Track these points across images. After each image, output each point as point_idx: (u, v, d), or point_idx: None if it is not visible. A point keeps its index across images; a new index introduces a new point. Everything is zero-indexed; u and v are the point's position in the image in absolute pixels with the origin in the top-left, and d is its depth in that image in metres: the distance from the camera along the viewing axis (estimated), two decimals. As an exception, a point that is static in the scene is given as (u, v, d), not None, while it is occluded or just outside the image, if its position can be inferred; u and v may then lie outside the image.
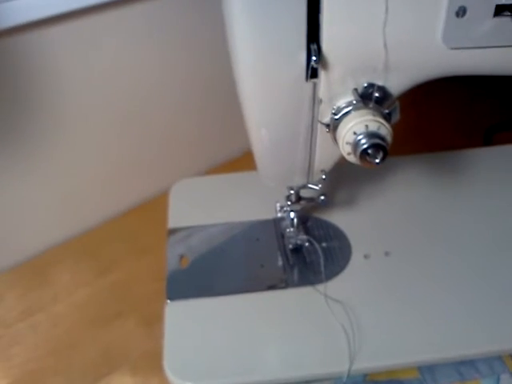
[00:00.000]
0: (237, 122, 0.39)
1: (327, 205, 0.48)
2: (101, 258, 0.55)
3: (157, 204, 0.55)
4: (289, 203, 0.42)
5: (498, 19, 0.30)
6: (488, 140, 0.66)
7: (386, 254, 0.44)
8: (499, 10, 0.30)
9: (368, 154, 0.31)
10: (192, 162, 0.60)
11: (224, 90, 0.36)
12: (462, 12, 0.30)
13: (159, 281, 0.45)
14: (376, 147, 0.30)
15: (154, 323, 0.42)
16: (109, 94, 0.53)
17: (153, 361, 0.40)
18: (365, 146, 0.30)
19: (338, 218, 0.47)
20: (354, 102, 0.32)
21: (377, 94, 0.32)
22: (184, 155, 0.61)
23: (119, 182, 0.60)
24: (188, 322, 0.40)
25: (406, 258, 0.44)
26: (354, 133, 0.31)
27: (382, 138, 0.31)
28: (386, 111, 0.33)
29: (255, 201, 0.49)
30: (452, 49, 0.31)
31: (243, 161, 0.45)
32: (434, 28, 0.30)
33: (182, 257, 0.45)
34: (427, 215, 0.48)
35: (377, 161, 0.31)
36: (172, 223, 0.48)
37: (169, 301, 0.41)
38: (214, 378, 0.36)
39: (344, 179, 0.51)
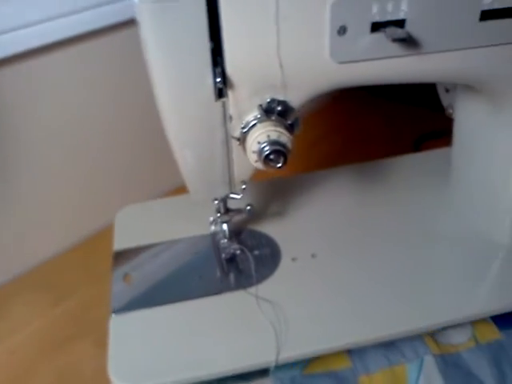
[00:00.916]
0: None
1: (260, 217, 0.53)
2: (56, 289, 0.58)
3: (108, 234, 0.57)
4: (218, 215, 0.46)
5: (375, 35, 0.35)
6: (417, 149, 0.72)
7: (313, 255, 0.48)
8: (375, 27, 0.35)
9: (271, 159, 0.35)
10: (138, 192, 0.64)
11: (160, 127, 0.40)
12: (342, 30, 0.34)
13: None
14: (277, 153, 0.35)
15: (106, 344, 0.44)
16: (54, 130, 0.57)
17: (105, 378, 0.43)
18: (267, 153, 0.35)
19: (270, 227, 0.51)
20: (259, 116, 0.36)
21: (279, 108, 0.37)
22: (129, 188, 0.65)
23: (71, 216, 0.63)
24: (131, 331, 0.43)
25: (330, 258, 0.48)
26: (258, 142, 0.35)
27: (283, 145, 0.35)
28: (289, 122, 0.37)
29: (194, 219, 0.52)
30: (339, 63, 0.36)
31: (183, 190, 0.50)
32: (321, 46, 0.35)
33: (126, 275, 0.48)
34: (351, 220, 0.53)
35: (278, 165, 0.35)
36: (117, 245, 0.51)
37: (113, 314, 0.44)
38: (157, 377, 0.39)
39: (275, 193, 0.56)
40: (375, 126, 0.83)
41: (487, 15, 0.36)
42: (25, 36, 0.51)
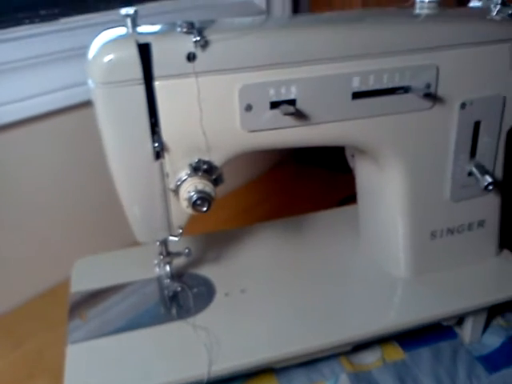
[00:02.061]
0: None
1: (200, 262, 0.62)
2: (15, 334, 0.64)
3: (66, 285, 0.62)
4: (161, 257, 0.55)
5: (273, 111, 0.47)
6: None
7: (242, 291, 0.57)
8: (273, 105, 0.47)
9: (198, 204, 0.45)
10: (93, 248, 0.72)
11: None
12: (249, 108, 0.46)
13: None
14: (202, 199, 0.45)
15: (62, 379, 0.48)
16: (15, 190, 0.66)
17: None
18: (194, 199, 0.45)
19: (207, 270, 0.60)
20: (189, 172, 0.47)
21: (205, 166, 0.47)
22: (85, 245, 0.73)
23: (31, 269, 0.71)
24: (85, 358, 0.50)
25: (257, 292, 0.57)
26: (188, 191, 0.45)
27: (208, 194, 0.46)
28: (213, 177, 0.48)
29: (142, 266, 0.60)
30: (249, 132, 0.47)
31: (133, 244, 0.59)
32: (234, 119, 0.46)
33: (81, 313, 0.56)
34: (276, 263, 0.62)
35: (204, 209, 0.45)
36: (74, 288, 0.59)
37: (69, 344, 0.51)
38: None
39: (213, 243, 0.65)
40: (306, 190, 0.95)
41: (357, 95, 0.48)
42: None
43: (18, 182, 0.68)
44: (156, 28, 0.46)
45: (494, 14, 0.52)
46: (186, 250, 0.56)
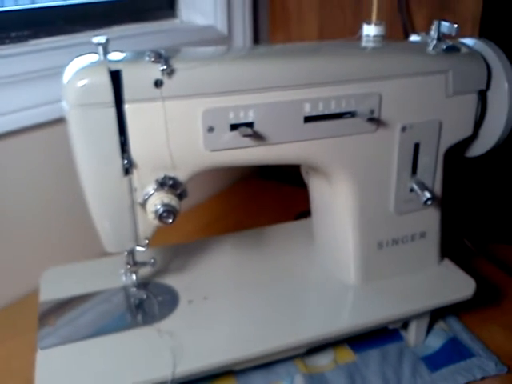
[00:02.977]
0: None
1: (164, 272, 0.65)
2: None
3: (34, 296, 0.63)
4: (128, 266, 0.59)
5: (233, 132, 0.51)
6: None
7: (205, 298, 0.61)
8: (233, 127, 0.51)
9: (164, 216, 0.49)
10: (62, 260, 0.75)
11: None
12: (211, 129, 0.51)
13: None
14: (168, 212, 0.49)
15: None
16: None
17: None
18: (161, 211, 0.49)
19: (171, 279, 0.64)
20: (156, 187, 0.51)
21: (170, 182, 0.52)
22: (54, 257, 0.76)
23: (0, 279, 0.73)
24: (55, 363, 0.52)
25: (219, 299, 0.61)
26: (155, 205, 0.50)
27: (173, 207, 0.50)
28: (178, 192, 0.52)
29: (109, 276, 0.64)
30: (211, 151, 0.52)
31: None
32: (197, 139, 0.51)
33: (50, 321, 0.59)
34: (236, 272, 0.66)
35: (170, 221, 0.49)
36: (42, 297, 0.61)
37: (39, 350, 0.54)
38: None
39: (177, 254, 0.69)
40: (268, 204, 1.00)
41: (308, 119, 0.53)
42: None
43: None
44: (126, 56, 0.50)
45: (431, 48, 0.58)
46: (152, 260, 0.60)
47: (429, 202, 0.59)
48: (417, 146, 0.59)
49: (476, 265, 0.79)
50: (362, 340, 0.65)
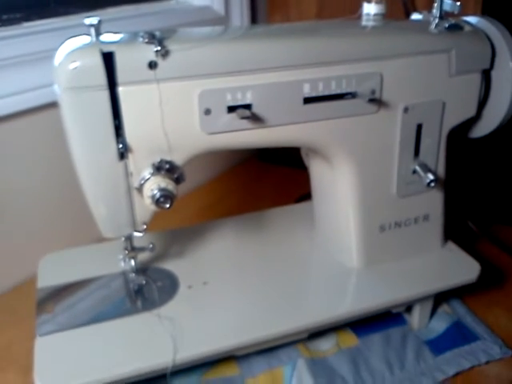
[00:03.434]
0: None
1: (163, 256, 0.65)
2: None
3: (32, 283, 0.63)
4: (126, 252, 0.58)
5: (231, 114, 0.50)
6: (297, 203, 0.87)
7: (205, 283, 0.60)
8: (230, 109, 0.50)
9: (161, 201, 0.48)
10: (60, 245, 0.74)
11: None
12: (208, 112, 0.49)
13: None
14: (165, 197, 0.48)
15: (30, 371, 0.50)
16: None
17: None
18: (157, 196, 0.48)
19: (170, 264, 0.63)
20: (152, 171, 0.50)
21: (167, 166, 0.51)
22: (52, 242, 0.75)
23: None
24: (54, 349, 0.52)
25: (218, 284, 0.61)
26: (152, 189, 0.49)
27: (170, 192, 0.49)
28: (175, 176, 0.51)
29: (107, 262, 0.63)
30: (208, 134, 0.51)
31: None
32: (194, 122, 0.50)
33: (48, 307, 0.58)
34: (237, 255, 0.66)
35: (167, 205, 0.48)
36: (40, 284, 0.61)
37: (38, 337, 0.54)
38: (76, 379, 0.49)
39: (176, 238, 0.68)
40: (268, 187, 0.99)
41: (308, 100, 0.52)
42: None
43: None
44: (119, 37, 0.48)
45: (433, 27, 0.56)
46: (150, 245, 0.59)
47: (432, 184, 0.58)
48: (419, 127, 0.58)
49: (480, 247, 0.78)
50: (365, 324, 0.65)
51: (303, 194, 0.88)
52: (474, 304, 0.69)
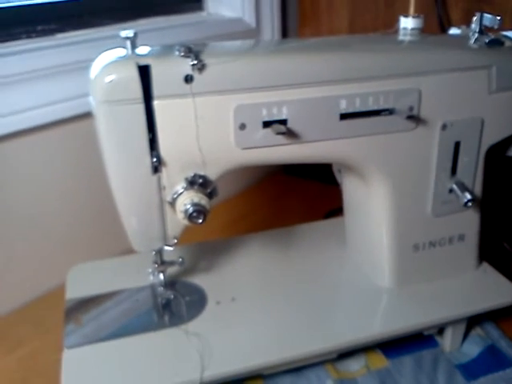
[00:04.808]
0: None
1: (192, 271, 0.64)
2: (9, 339, 0.66)
3: (59, 293, 0.63)
4: (156, 266, 0.57)
5: (266, 130, 0.49)
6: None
7: (233, 299, 0.60)
8: (266, 125, 0.49)
9: (194, 216, 0.48)
10: (89, 255, 0.74)
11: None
12: (243, 127, 0.49)
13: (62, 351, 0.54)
14: (198, 212, 0.47)
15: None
16: (12, 197, 0.68)
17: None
18: (190, 211, 0.47)
19: (199, 279, 0.63)
20: (185, 186, 0.50)
21: (200, 180, 0.50)
22: (81, 252, 0.75)
23: (25, 275, 0.73)
24: (82, 363, 0.52)
25: (247, 301, 0.60)
26: (185, 204, 0.48)
27: (203, 207, 0.48)
28: (208, 191, 0.50)
29: (136, 274, 0.63)
30: (242, 149, 0.50)
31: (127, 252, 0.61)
32: (229, 137, 0.49)
33: (76, 317, 0.58)
34: (266, 272, 0.65)
35: (200, 221, 0.48)
36: (69, 295, 0.60)
37: (66, 349, 0.53)
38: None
39: (205, 252, 0.68)
40: (295, 201, 0.98)
41: (344, 116, 0.51)
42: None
43: (15, 190, 0.70)
44: (155, 50, 0.48)
45: (472, 41, 0.55)
46: (180, 260, 0.58)
47: (469, 204, 0.56)
48: (457, 145, 0.57)
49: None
50: (395, 345, 0.63)
51: (331, 209, 0.87)
52: (509, 328, 0.67)
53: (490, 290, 0.62)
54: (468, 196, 0.56)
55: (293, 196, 1.00)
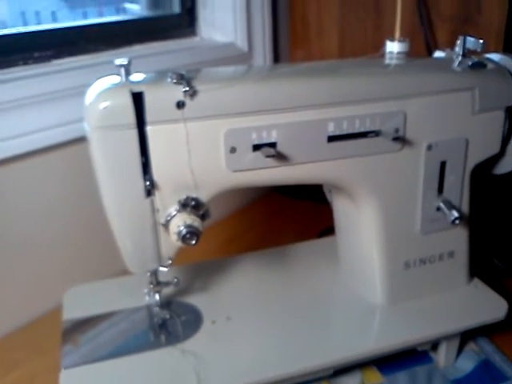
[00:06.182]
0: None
1: (187, 291, 0.65)
2: (6, 361, 0.67)
3: (56, 315, 0.64)
4: (151, 286, 0.58)
5: (256, 153, 0.51)
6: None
7: (228, 318, 0.60)
8: (255, 148, 0.51)
9: (187, 238, 0.49)
10: (84, 278, 0.74)
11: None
12: (233, 150, 0.50)
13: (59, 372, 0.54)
14: (191, 233, 0.49)
15: None
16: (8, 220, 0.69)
17: None
18: (184, 233, 0.49)
19: (194, 299, 0.64)
20: (178, 208, 0.51)
21: (193, 203, 0.51)
22: (76, 275, 0.76)
23: (20, 298, 0.74)
24: (78, 379, 0.53)
25: (242, 320, 0.60)
26: (178, 226, 0.49)
27: (196, 228, 0.49)
28: (201, 213, 0.52)
29: (132, 295, 0.63)
30: (233, 172, 0.51)
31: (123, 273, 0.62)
32: (219, 160, 0.50)
33: (73, 338, 0.58)
34: (259, 292, 0.66)
35: (193, 242, 0.49)
36: (66, 316, 0.61)
37: (63, 369, 0.54)
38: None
39: (200, 272, 0.69)
40: (289, 221, 0.99)
41: (332, 139, 0.53)
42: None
43: (10, 214, 0.71)
44: (148, 77, 0.50)
45: (456, 64, 0.57)
46: (175, 280, 0.59)
47: (457, 222, 0.57)
48: (443, 165, 0.58)
49: (506, 284, 0.77)
50: (390, 361, 0.64)
51: (325, 228, 0.88)
52: (503, 342, 0.68)
53: (481, 306, 0.63)
54: (455, 214, 0.57)
55: (286, 216, 1.02)
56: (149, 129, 0.48)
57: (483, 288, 0.65)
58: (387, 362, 0.64)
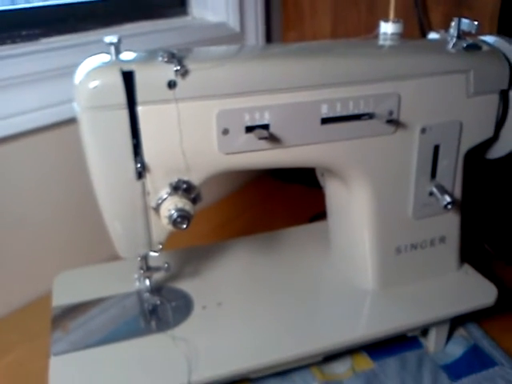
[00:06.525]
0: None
1: (178, 276, 0.64)
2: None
3: (45, 300, 0.63)
4: (142, 271, 0.57)
5: (248, 135, 0.50)
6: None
7: (219, 304, 0.60)
8: (248, 130, 0.50)
9: (178, 222, 0.48)
10: (75, 263, 0.73)
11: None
12: (226, 132, 0.49)
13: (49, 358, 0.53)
14: (182, 217, 0.48)
15: None
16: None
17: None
18: (175, 216, 0.48)
19: (185, 284, 0.63)
20: (169, 191, 0.50)
21: (184, 186, 0.50)
22: (67, 260, 0.75)
23: (11, 282, 0.73)
24: (69, 370, 0.52)
25: (233, 305, 0.60)
26: (169, 210, 0.48)
27: (187, 212, 0.48)
28: (192, 196, 0.51)
29: (122, 281, 0.63)
30: (225, 154, 0.50)
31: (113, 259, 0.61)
32: (212, 142, 0.49)
33: (63, 325, 0.58)
34: (250, 276, 0.65)
35: (184, 226, 0.48)
36: (55, 302, 0.60)
37: (52, 356, 0.53)
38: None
39: (191, 257, 0.68)
40: (281, 205, 0.98)
41: (326, 121, 0.52)
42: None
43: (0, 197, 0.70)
44: (138, 56, 0.48)
45: (451, 46, 0.56)
46: (166, 265, 0.58)
47: (449, 207, 0.57)
48: (436, 148, 0.58)
49: (497, 270, 0.77)
50: (380, 347, 0.64)
51: (317, 212, 0.88)
52: (491, 328, 0.68)
53: (471, 291, 0.63)
54: (448, 198, 0.57)
55: (278, 200, 1.01)
56: (140, 109, 0.46)
57: (473, 274, 0.65)
58: (377, 347, 0.64)
